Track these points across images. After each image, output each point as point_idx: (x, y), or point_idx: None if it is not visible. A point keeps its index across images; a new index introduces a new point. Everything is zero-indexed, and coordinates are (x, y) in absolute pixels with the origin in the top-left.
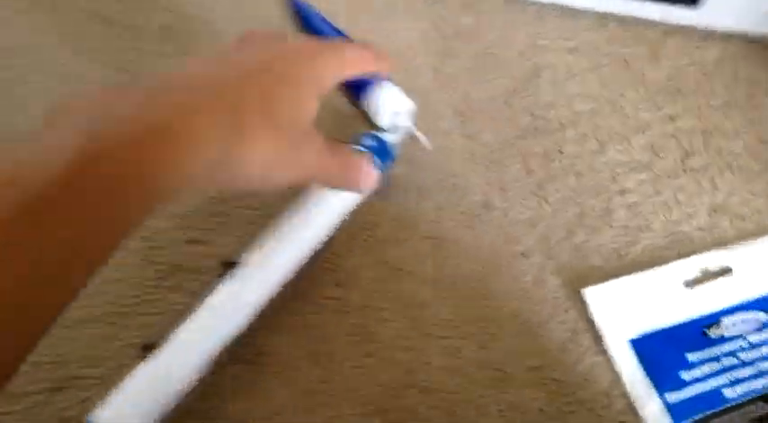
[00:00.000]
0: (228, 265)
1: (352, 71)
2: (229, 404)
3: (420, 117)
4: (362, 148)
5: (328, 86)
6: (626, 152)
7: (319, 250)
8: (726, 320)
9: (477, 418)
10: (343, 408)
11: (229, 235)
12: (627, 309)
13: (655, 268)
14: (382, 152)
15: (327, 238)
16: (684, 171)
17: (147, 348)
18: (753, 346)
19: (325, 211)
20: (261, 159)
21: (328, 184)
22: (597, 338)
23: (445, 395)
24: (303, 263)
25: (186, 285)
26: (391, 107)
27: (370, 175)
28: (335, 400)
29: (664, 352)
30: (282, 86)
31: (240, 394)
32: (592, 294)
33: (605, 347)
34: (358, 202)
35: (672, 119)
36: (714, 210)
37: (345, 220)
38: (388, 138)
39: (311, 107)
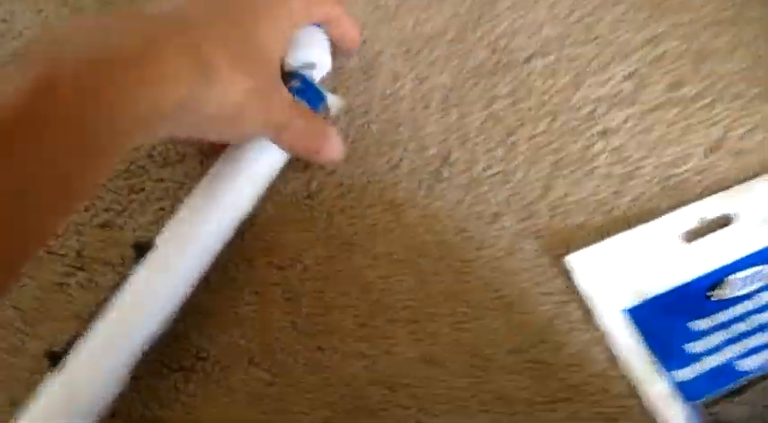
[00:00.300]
0: (142, 249)
1: (320, 11)
2: (168, 419)
3: (360, 58)
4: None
5: (298, 25)
6: (605, 84)
7: (245, 222)
8: (732, 279)
9: (457, 415)
10: (297, 414)
11: (147, 214)
12: (618, 274)
13: (646, 223)
14: (311, 94)
15: (253, 207)
16: (674, 103)
17: (54, 357)
18: (766, 307)
19: (249, 175)
20: (231, 102)
21: (292, 148)
22: (587, 311)
23: (416, 390)
24: (228, 237)
25: (99, 280)
26: (305, 56)
27: (338, 145)
28: (287, 405)
29: (665, 321)
30: (254, 22)
31: (181, 407)
32: (577, 260)
33: (597, 321)
34: (285, 161)
35: (656, 41)
36: (711, 147)
37: (274, 184)
38: (313, 76)
39: (281, 47)
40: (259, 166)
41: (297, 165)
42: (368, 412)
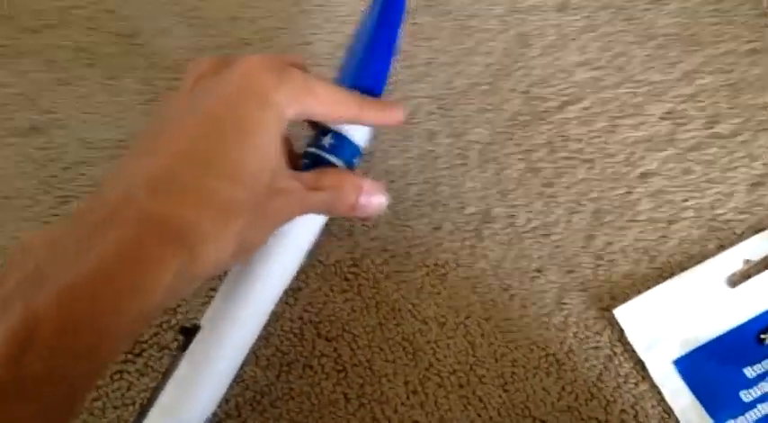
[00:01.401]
0: (189, 331)
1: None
2: None
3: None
4: (315, 149)
5: (289, 119)
6: (641, 126)
7: (291, 294)
8: None
9: None
10: None
11: (199, 296)
12: (666, 323)
13: (691, 269)
14: (345, 148)
15: (295, 276)
16: (712, 139)
17: None
18: None
19: (287, 243)
20: (226, 252)
21: (327, 213)
22: (637, 363)
23: None
24: (272, 309)
25: (156, 365)
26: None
27: (374, 194)
28: None
29: (715, 369)
30: (238, 143)
31: None
32: (624, 313)
33: (648, 374)
34: (323, 223)
35: (690, 77)
36: (753, 184)
37: (318, 255)
38: (350, 132)
39: (269, 155)
40: (297, 233)
41: (340, 233)
42: None
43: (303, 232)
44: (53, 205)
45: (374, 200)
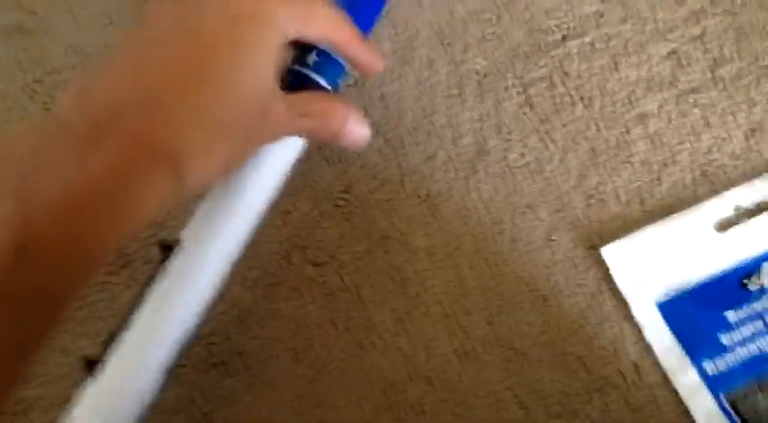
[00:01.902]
0: (168, 246)
1: (317, 31)
2: (212, 414)
3: (394, 43)
4: (299, 67)
5: (289, 37)
6: (643, 66)
7: (278, 216)
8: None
9: (493, 409)
10: (338, 409)
11: (187, 212)
12: (652, 266)
13: (680, 213)
14: (330, 66)
15: (278, 194)
16: (714, 84)
17: (91, 363)
18: None
19: (270, 161)
20: (214, 172)
21: (309, 139)
22: (621, 303)
23: (454, 384)
24: (255, 228)
25: (141, 278)
26: None
27: (357, 124)
28: (328, 400)
29: (698, 313)
30: (230, 64)
31: (221, 402)
32: (611, 252)
33: (631, 313)
34: (305, 143)
35: (697, 17)
36: (751, 130)
37: (308, 179)
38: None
39: (266, 76)
40: (280, 150)
41: (332, 158)
42: (408, 407)
43: (287, 149)
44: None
45: (359, 130)
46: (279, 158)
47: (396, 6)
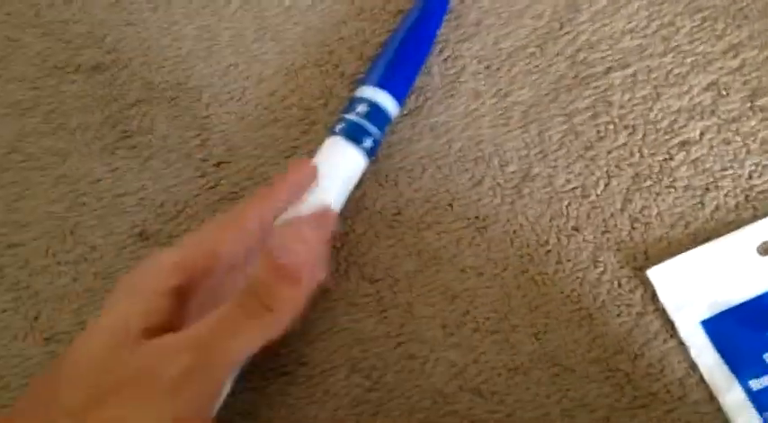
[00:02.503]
0: None
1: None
2: (276, 421)
3: (443, 75)
4: (354, 116)
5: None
6: (685, 96)
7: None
8: None
9: (541, 421)
10: (392, 417)
11: None
12: (696, 286)
13: (724, 236)
14: (378, 118)
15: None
16: (754, 112)
17: None
18: None
19: (326, 191)
20: None
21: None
22: (666, 322)
23: (502, 397)
24: None
25: None
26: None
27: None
28: (383, 409)
29: (741, 332)
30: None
31: (283, 410)
32: (657, 273)
33: (676, 332)
34: (359, 175)
35: (735, 49)
36: None
37: (364, 202)
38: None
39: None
40: (336, 184)
41: (386, 182)
42: (458, 417)
43: (345, 177)
44: (117, 139)
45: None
46: (340, 183)
47: (445, 42)
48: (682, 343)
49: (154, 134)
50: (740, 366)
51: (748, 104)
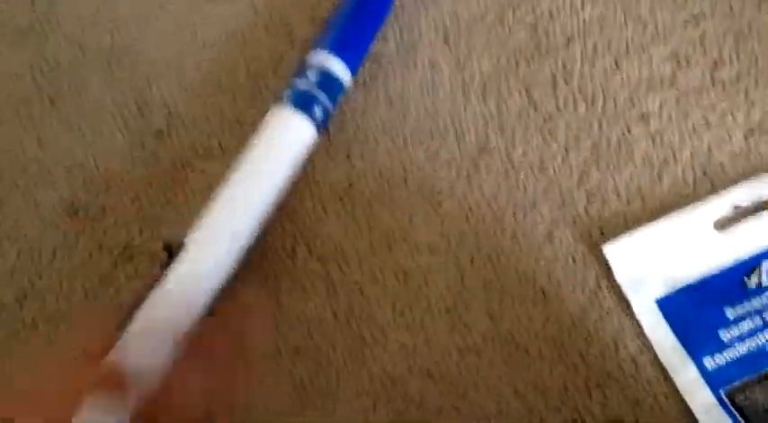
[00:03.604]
0: (172, 248)
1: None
2: None
3: (398, 44)
4: (304, 84)
5: None
6: (645, 66)
7: (272, 214)
8: (767, 265)
9: (494, 403)
10: (339, 404)
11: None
12: (652, 263)
13: (681, 211)
14: (330, 86)
15: (280, 199)
16: (714, 85)
17: None
18: None
19: (274, 160)
20: None
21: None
22: (621, 300)
23: (455, 378)
24: (257, 230)
25: (147, 272)
26: None
27: None
28: (330, 395)
29: (697, 309)
30: None
31: (224, 396)
32: (612, 250)
33: (631, 309)
34: (312, 144)
35: (697, 20)
36: (750, 130)
37: (313, 175)
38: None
39: None
40: (284, 150)
41: (336, 155)
42: (408, 400)
43: (292, 149)
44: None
45: None
46: (286, 156)
47: (400, 9)
48: (636, 321)
49: (85, 99)
50: (695, 344)
51: (709, 76)
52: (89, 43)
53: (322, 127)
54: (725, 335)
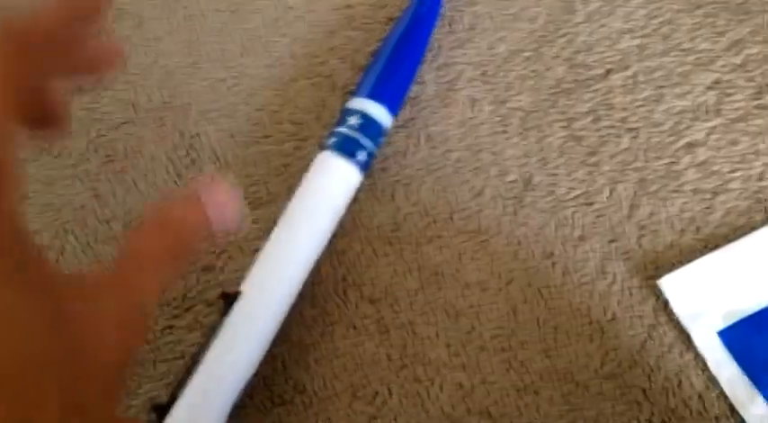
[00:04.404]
0: (229, 297)
1: None
2: None
3: (437, 84)
4: (346, 129)
5: None
6: (688, 96)
7: (331, 256)
8: None
9: None
10: None
11: (245, 254)
12: (711, 294)
13: (737, 241)
14: (372, 130)
15: (329, 240)
16: (760, 110)
17: (158, 408)
18: None
19: (322, 207)
20: None
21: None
22: (681, 334)
23: (512, 418)
24: (308, 275)
25: (204, 321)
26: None
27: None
28: None
29: (761, 341)
30: None
31: None
32: (669, 283)
33: (692, 344)
34: (356, 187)
35: (738, 46)
36: None
37: (360, 219)
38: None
39: None
40: (331, 195)
41: (382, 197)
42: None
43: (338, 193)
44: (100, 163)
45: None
46: (333, 200)
47: (437, 49)
48: (698, 355)
49: (140, 156)
50: (761, 377)
51: (753, 103)
52: (140, 99)
53: (366, 170)
54: None
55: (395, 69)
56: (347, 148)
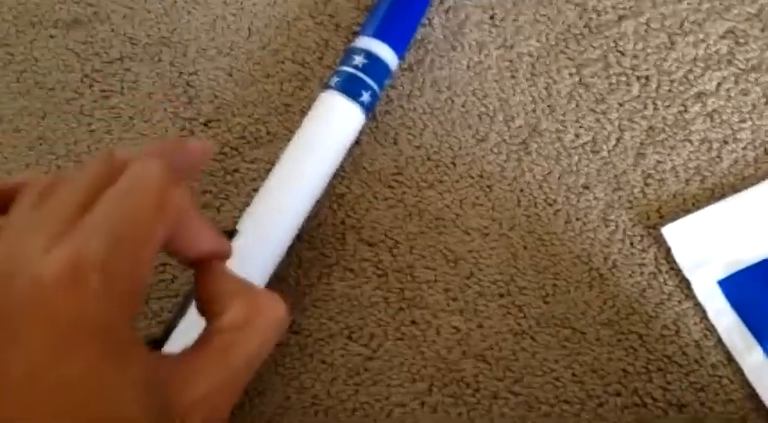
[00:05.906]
0: (227, 235)
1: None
2: (266, 393)
3: (444, 27)
4: (350, 69)
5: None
6: (700, 44)
7: (333, 199)
8: None
9: (550, 387)
10: (391, 388)
11: (242, 195)
12: (713, 244)
13: (742, 191)
14: (377, 71)
15: (329, 183)
16: None
17: (154, 343)
18: None
19: (322, 149)
20: None
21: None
22: (681, 282)
23: (509, 362)
24: (308, 214)
25: None
26: None
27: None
28: (382, 379)
29: (762, 291)
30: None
31: (279, 379)
32: (671, 231)
33: (692, 292)
34: (357, 130)
35: None
36: None
37: (361, 162)
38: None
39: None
40: (331, 138)
41: (384, 141)
42: (464, 384)
43: (340, 133)
44: (96, 99)
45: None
46: (335, 140)
47: None
48: (698, 304)
49: (136, 93)
50: (761, 327)
51: (767, 52)
52: (138, 34)
53: (369, 111)
54: None
55: (402, 9)
56: (351, 87)
